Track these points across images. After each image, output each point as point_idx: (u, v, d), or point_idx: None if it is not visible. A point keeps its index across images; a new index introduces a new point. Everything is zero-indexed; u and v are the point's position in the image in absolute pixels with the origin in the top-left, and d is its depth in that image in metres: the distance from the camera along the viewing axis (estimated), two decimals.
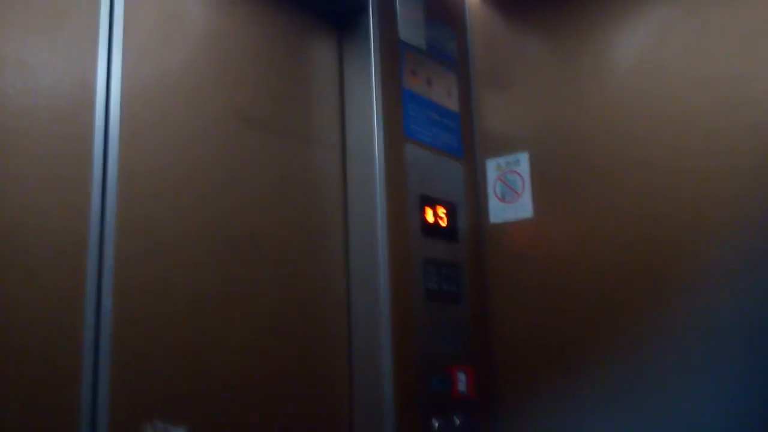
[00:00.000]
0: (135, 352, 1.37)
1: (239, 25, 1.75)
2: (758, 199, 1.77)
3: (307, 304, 1.79)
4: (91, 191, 1.35)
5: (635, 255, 1.93)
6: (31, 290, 1.24)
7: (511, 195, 2.19)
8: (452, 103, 2.21)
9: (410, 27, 2.10)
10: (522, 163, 2.19)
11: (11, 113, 1.27)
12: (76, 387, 1.27)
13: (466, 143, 2.23)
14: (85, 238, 1.33)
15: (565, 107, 2.14)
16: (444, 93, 2.19)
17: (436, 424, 1.85)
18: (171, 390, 1.42)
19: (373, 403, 1.79)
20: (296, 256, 1.78)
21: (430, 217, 2.00)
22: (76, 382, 1.27)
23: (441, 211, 2.04)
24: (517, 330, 2.12)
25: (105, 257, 1.35)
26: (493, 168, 2.25)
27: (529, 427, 2.05)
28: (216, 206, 1.60)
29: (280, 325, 1.70)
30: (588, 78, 2.11)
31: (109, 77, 1.42)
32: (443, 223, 2.05)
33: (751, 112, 1.81)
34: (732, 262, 1.78)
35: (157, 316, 1.43)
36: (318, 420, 1.75)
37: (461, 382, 1.96)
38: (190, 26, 1.64)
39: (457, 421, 1.91)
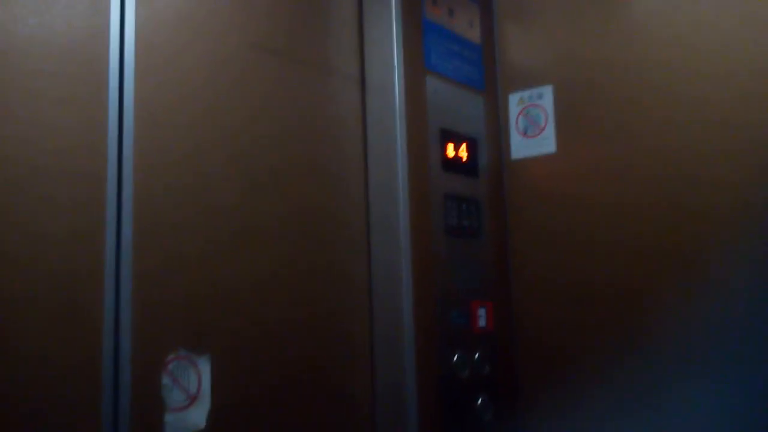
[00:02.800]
0: (157, 287, 1.38)
1: None
2: None
3: (327, 238, 1.78)
4: (107, 127, 1.34)
5: (661, 189, 1.88)
6: (54, 216, 1.24)
7: (533, 129, 2.15)
8: (474, 35, 2.15)
9: None
10: (545, 96, 2.13)
11: (24, 37, 1.25)
12: (98, 322, 1.28)
13: (488, 76, 2.18)
14: (104, 178, 1.32)
15: (590, 38, 2.06)
16: (466, 24, 2.12)
17: (456, 357, 1.86)
18: (194, 324, 1.44)
19: (394, 338, 1.80)
20: (315, 190, 1.77)
21: (450, 151, 1.97)
22: (97, 319, 1.28)
23: (462, 145, 2.01)
24: (538, 267, 2.10)
25: (124, 196, 1.34)
26: (515, 102, 2.19)
27: (548, 363, 2.06)
28: (235, 140, 1.58)
29: (300, 261, 1.70)
30: (614, 7, 2.02)
31: (123, 7, 1.39)
32: (464, 158, 2.01)
33: None
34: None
35: (179, 253, 1.43)
36: (337, 353, 1.76)
37: (481, 317, 1.96)
38: None
39: (477, 355, 1.92)
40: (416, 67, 1.91)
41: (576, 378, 1.98)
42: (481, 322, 1.96)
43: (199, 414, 1.41)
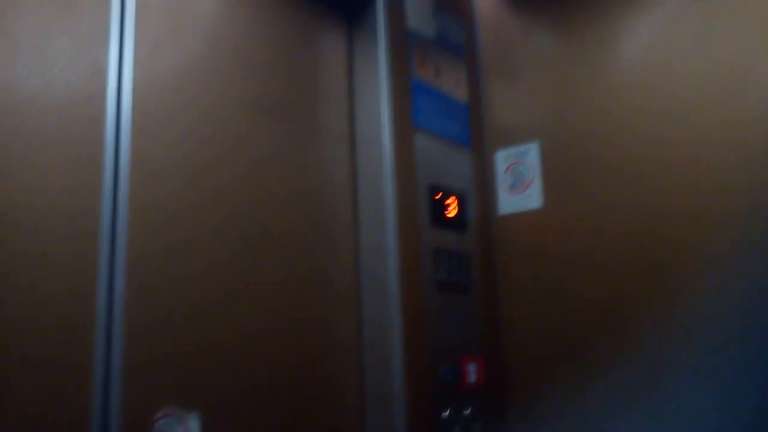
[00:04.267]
0: (147, 344, 1.38)
1: (250, 16, 1.76)
2: (764, 185, 1.76)
3: (317, 296, 1.79)
4: (102, 185, 1.36)
5: (643, 247, 1.92)
6: (49, 275, 1.25)
7: (520, 185, 2.19)
8: (461, 93, 2.21)
9: (419, 17, 2.10)
10: (531, 153, 2.18)
11: (24, 97, 1.28)
12: (88, 381, 1.28)
13: (475, 133, 2.23)
14: (97, 237, 1.34)
15: (573, 98, 2.13)
16: (453, 83, 2.19)
17: (446, 414, 1.85)
18: (183, 381, 1.43)
19: (384, 394, 1.79)
20: (306, 248, 1.79)
21: (439, 207, 2.00)
22: (88, 376, 1.28)
23: (451, 201, 2.04)
24: (527, 321, 2.11)
25: (117, 253, 1.35)
26: (502, 158, 2.24)
27: (539, 419, 2.05)
28: (229, 199, 1.61)
29: (289, 319, 1.70)
30: (596, 68, 2.10)
31: (121, 65, 1.43)
32: (453, 214, 2.04)
33: (759, 102, 1.79)
34: (743, 252, 1.77)
35: (170, 310, 1.43)
36: (328, 411, 1.75)
37: (471, 372, 1.96)
38: (202, 17, 1.64)
39: (467, 411, 1.91)
40: (405, 125, 1.96)
41: (571, 428, 1.98)
42: (471, 378, 1.96)
43: None
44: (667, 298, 1.86)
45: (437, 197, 2.00)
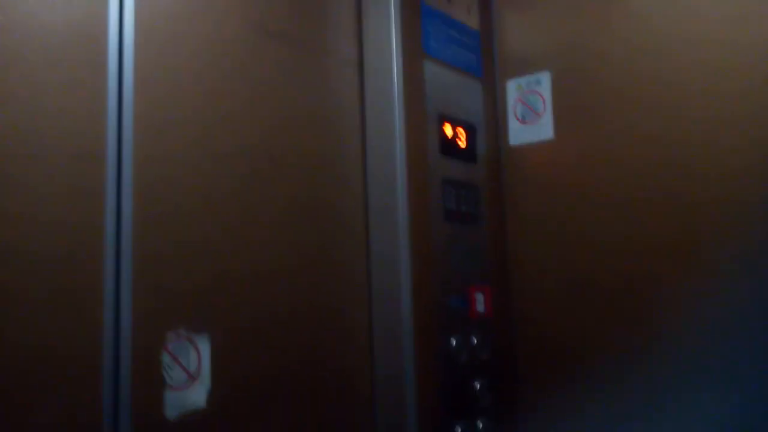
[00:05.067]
0: (157, 270, 1.38)
1: None
2: None
3: (325, 226, 1.78)
4: (107, 110, 1.34)
5: (660, 179, 1.88)
6: (53, 193, 1.24)
7: (531, 116, 2.15)
8: (473, 21, 2.15)
9: None
10: (543, 83, 2.13)
11: (23, 14, 1.25)
12: (99, 305, 1.28)
13: (486, 62, 2.18)
14: (104, 161, 1.32)
15: (589, 24, 2.06)
16: (464, 10, 2.12)
17: (454, 342, 1.87)
18: (194, 306, 1.44)
19: (392, 323, 1.80)
20: (314, 177, 1.77)
21: (448, 137, 1.97)
22: (98, 301, 1.28)
23: (460, 131, 2.01)
24: (535, 254, 2.10)
25: (124, 181, 1.34)
26: (513, 88, 2.20)
27: (547, 348, 2.06)
28: (236, 126, 1.58)
29: (298, 248, 1.70)
30: None
31: None
32: (462, 144, 2.02)
33: None
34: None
35: (180, 238, 1.43)
36: (338, 342, 1.77)
37: (479, 302, 1.97)
38: None
39: (475, 340, 1.93)
40: (414, 51, 1.91)
41: (574, 363, 1.99)
42: (480, 307, 1.97)
43: (199, 394, 1.41)
44: (683, 233, 1.83)
45: (446, 126, 1.96)
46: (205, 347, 1.42)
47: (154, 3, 1.45)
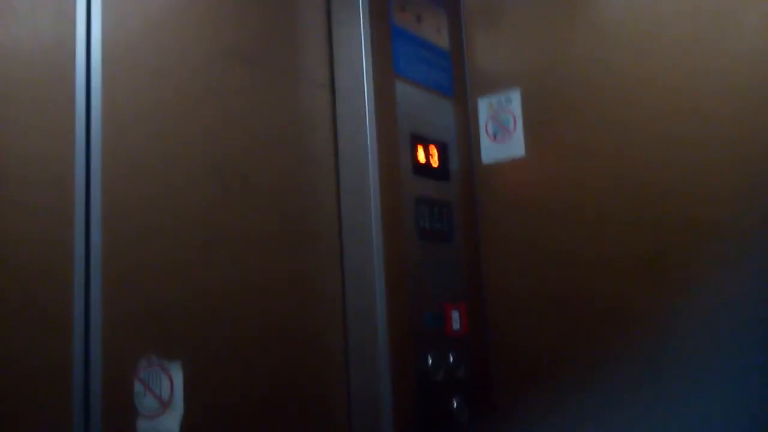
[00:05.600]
0: (127, 294, 1.37)
1: None
2: (755, 134, 1.74)
3: (298, 245, 1.78)
4: (74, 133, 1.33)
5: (627, 197, 1.91)
6: (24, 218, 1.23)
7: (503, 134, 2.17)
8: (442, 41, 2.17)
9: None
10: (514, 101, 2.16)
11: None
12: (68, 327, 1.27)
13: (456, 81, 2.20)
14: (72, 184, 1.31)
15: (556, 42, 2.10)
16: (434, 30, 2.15)
17: (431, 360, 1.87)
18: (165, 331, 1.43)
19: (368, 342, 1.80)
20: (286, 197, 1.77)
21: (421, 155, 1.98)
22: (67, 326, 1.27)
23: (432, 149, 2.02)
24: (509, 270, 2.12)
25: (92, 202, 1.33)
26: (484, 106, 2.22)
27: (522, 365, 2.08)
28: (206, 147, 1.58)
29: (271, 268, 1.69)
30: (580, 12, 2.06)
31: (89, 11, 1.39)
32: (435, 162, 2.03)
33: (746, 41, 1.77)
34: (737, 204, 1.75)
35: (150, 260, 1.42)
36: (312, 362, 1.76)
37: (455, 319, 1.97)
38: None
39: (451, 358, 1.93)
40: (385, 72, 1.92)
41: (550, 379, 2.00)
42: (455, 325, 1.97)
43: (172, 421, 1.39)
44: (653, 249, 1.86)
45: (418, 146, 1.98)
46: (177, 374, 1.41)
47: (121, 27, 1.44)
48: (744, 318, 1.71)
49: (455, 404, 1.91)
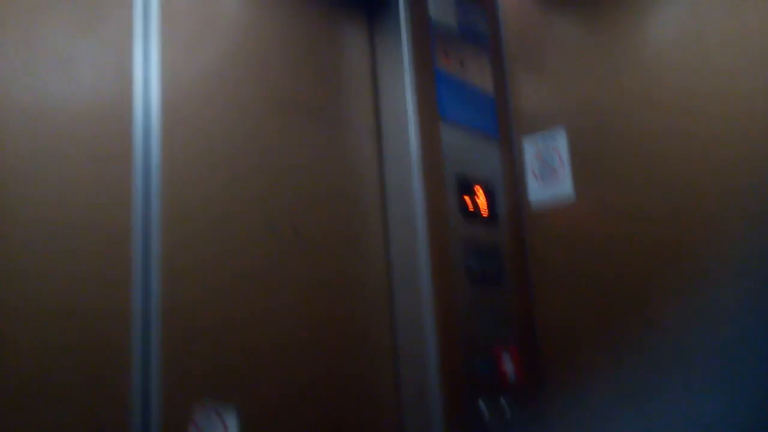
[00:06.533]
0: (185, 347, 1.39)
1: (273, 15, 1.76)
2: None
3: (350, 295, 1.79)
4: (133, 180, 1.37)
5: (678, 232, 1.87)
6: (82, 282, 1.27)
7: (549, 172, 2.16)
8: (486, 83, 2.19)
9: (441, 8, 2.08)
10: (559, 139, 2.15)
11: (52, 102, 1.29)
12: (128, 370, 1.29)
13: (501, 123, 2.21)
14: (130, 230, 1.35)
15: (599, 82, 2.09)
16: (477, 73, 2.17)
17: (483, 406, 1.84)
18: (221, 381, 1.44)
19: (420, 390, 1.78)
20: (337, 247, 1.78)
21: (468, 198, 1.98)
22: (127, 366, 1.29)
23: (479, 191, 2.02)
24: (561, 312, 2.09)
25: (151, 246, 1.37)
26: (530, 146, 2.22)
27: (574, 409, 2.02)
28: (261, 202, 1.61)
29: (323, 319, 1.70)
30: (622, 50, 2.06)
31: (146, 67, 1.44)
32: (482, 204, 2.03)
33: None
34: None
35: (206, 318, 1.44)
36: (366, 410, 1.75)
37: (506, 363, 1.94)
38: (226, 19, 1.65)
39: (504, 402, 1.90)
40: (430, 115, 1.94)
41: (601, 423, 1.94)
42: (507, 369, 1.94)
43: None
44: (704, 285, 1.81)
45: (465, 188, 1.98)
46: (231, 422, 1.42)
47: (178, 85, 1.49)
48: None
49: None
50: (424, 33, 2.00)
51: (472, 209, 1.98)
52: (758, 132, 1.77)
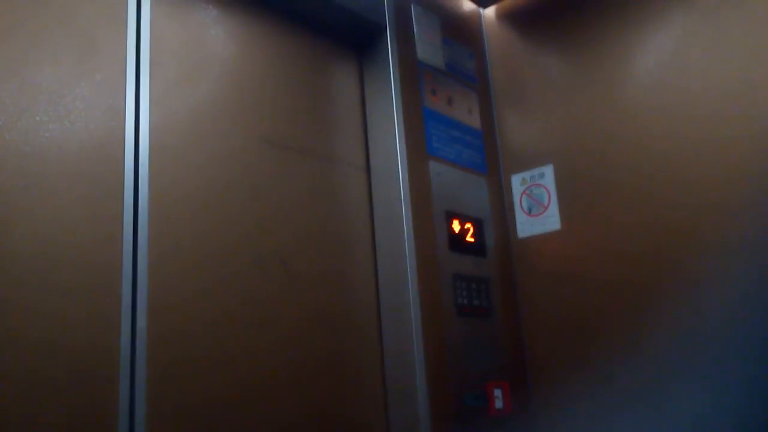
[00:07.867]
0: (171, 387, 1.39)
1: (262, 53, 1.80)
2: None
3: (338, 330, 1.79)
4: (123, 214, 1.39)
5: (663, 268, 1.90)
6: (70, 318, 1.27)
7: (537, 208, 2.19)
8: (474, 120, 2.23)
9: (428, 47, 2.13)
10: (547, 175, 2.18)
11: (44, 142, 1.31)
12: (114, 406, 1.29)
13: (489, 159, 2.24)
14: (119, 266, 1.36)
15: (586, 120, 2.14)
16: (465, 111, 2.21)
17: None
18: (209, 422, 1.44)
19: (410, 426, 1.77)
20: (326, 282, 1.79)
21: (456, 232, 2.00)
22: (113, 402, 1.29)
23: (468, 226, 2.05)
24: (551, 345, 2.09)
25: (139, 282, 1.38)
26: (518, 182, 2.25)
27: None
28: (246, 227, 1.63)
29: (313, 355, 1.70)
30: (608, 89, 2.11)
31: (137, 107, 1.47)
32: (471, 239, 2.05)
33: None
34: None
35: (193, 354, 1.44)
36: None
37: (497, 398, 1.94)
38: (216, 57, 1.68)
39: None
40: (419, 153, 1.98)
41: None
42: (498, 404, 1.93)
43: None
44: (690, 320, 1.83)
45: (454, 223, 2.00)
46: None
47: (169, 124, 1.52)
48: None
49: None
50: (413, 72, 2.05)
51: (460, 243, 2.00)
52: (739, 176, 1.81)
